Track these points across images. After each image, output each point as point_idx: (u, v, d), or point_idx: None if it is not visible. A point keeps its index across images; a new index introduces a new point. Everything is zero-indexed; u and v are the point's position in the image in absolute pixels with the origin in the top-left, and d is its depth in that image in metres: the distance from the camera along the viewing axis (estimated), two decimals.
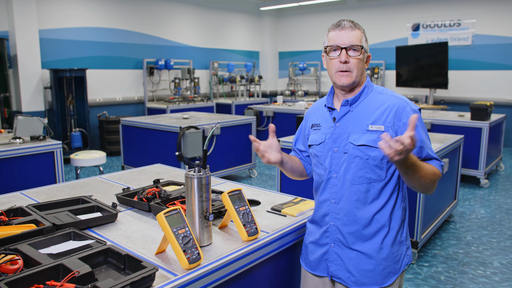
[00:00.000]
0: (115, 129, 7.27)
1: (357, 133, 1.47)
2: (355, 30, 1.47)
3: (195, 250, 1.30)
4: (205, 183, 1.45)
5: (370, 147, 1.44)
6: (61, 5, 7.16)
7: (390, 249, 1.49)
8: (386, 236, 1.48)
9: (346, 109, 1.52)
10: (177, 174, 2.58)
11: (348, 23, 1.47)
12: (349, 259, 1.50)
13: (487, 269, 3.23)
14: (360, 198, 1.47)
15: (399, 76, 8.90)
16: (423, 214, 3.31)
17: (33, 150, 3.55)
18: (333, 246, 1.53)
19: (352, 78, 1.47)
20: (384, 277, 1.48)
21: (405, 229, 1.55)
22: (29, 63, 6.62)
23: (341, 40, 1.45)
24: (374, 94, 1.52)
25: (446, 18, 8.76)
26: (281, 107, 7.70)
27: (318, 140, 1.56)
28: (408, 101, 1.49)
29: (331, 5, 10.20)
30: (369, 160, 1.44)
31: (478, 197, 5.11)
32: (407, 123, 1.42)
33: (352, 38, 1.45)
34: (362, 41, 1.47)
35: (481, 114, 5.34)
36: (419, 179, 1.39)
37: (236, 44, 10.80)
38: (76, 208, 1.77)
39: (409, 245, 1.56)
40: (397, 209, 1.50)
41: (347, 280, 1.51)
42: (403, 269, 1.52)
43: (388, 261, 1.48)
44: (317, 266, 1.59)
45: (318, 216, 1.59)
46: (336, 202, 1.51)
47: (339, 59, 1.46)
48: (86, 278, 1.17)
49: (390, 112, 1.45)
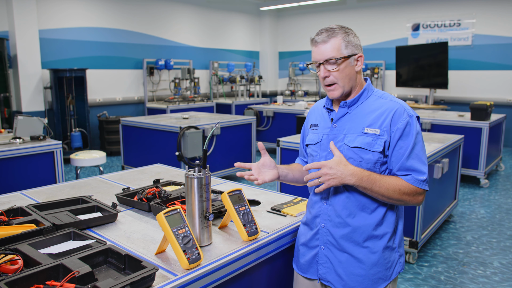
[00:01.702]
0: (115, 129, 7.27)
1: (353, 134, 1.46)
2: (330, 41, 1.43)
3: (195, 250, 1.30)
4: (205, 183, 1.45)
5: (364, 149, 1.43)
6: (61, 5, 7.16)
7: (382, 255, 1.46)
8: (378, 242, 1.45)
9: (344, 110, 1.51)
10: (177, 174, 2.58)
11: (321, 37, 1.44)
12: (339, 262, 1.48)
13: (487, 269, 3.23)
14: (352, 202, 1.46)
15: (399, 76, 8.90)
16: (423, 214, 3.31)
17: (33, 150, 3.55)
18: (323, 249, 1.51)
19: (339, 91, 1.47)
20: (374, 282, 1.46)
21: (398, 237, 1.51)
22: (29, 63, 6.62)
23: (316, 56, 1.46)
24: (373, 97, 1.50)
25: (446, 18, 8.76)
26: (281, 107, 7.70)
27: (315, 140, 1.56)
28: (407, 107, 1.46)
29: (331, 5, 10.20)
30: (362, 162, 1.43)
31: (478, 197, 5.11)
32: (401, 129, 1.41)
33: (326, 52, 1.43)
34: (340, 49, 1.42)
35: (481, 114, 5.34)
36: (378, 196, 1.40)
37: (236, 44, 10.80)
38: (76, 208, 1.77)
39: (402, 253, 1.53)
40: (389, 215, 1.47)
41: (336, 284, 1.49)
42: (394, 276, 1.49)
43: (378, 267, 1.46)
44: (307, 269, 1.57)
45: (310, 218, 1.57)
46: (327, 204, 1.50)
47: (320, 74, 1.47)
48: (86, 278, 1.17)
49: (388, 116, 1.43)
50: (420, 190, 1.42)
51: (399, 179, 1.41)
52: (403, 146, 1.41)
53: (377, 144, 1.42)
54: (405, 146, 1.41)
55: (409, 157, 1.41)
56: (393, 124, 1.42)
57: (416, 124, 1.43)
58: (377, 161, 1.43)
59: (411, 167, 1.41)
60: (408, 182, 1.41)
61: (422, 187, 1.42)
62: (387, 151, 1.44)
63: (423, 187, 1.42)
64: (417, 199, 1.43)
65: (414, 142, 1.42)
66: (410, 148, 1.41)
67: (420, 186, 1.41)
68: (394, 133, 1.42)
